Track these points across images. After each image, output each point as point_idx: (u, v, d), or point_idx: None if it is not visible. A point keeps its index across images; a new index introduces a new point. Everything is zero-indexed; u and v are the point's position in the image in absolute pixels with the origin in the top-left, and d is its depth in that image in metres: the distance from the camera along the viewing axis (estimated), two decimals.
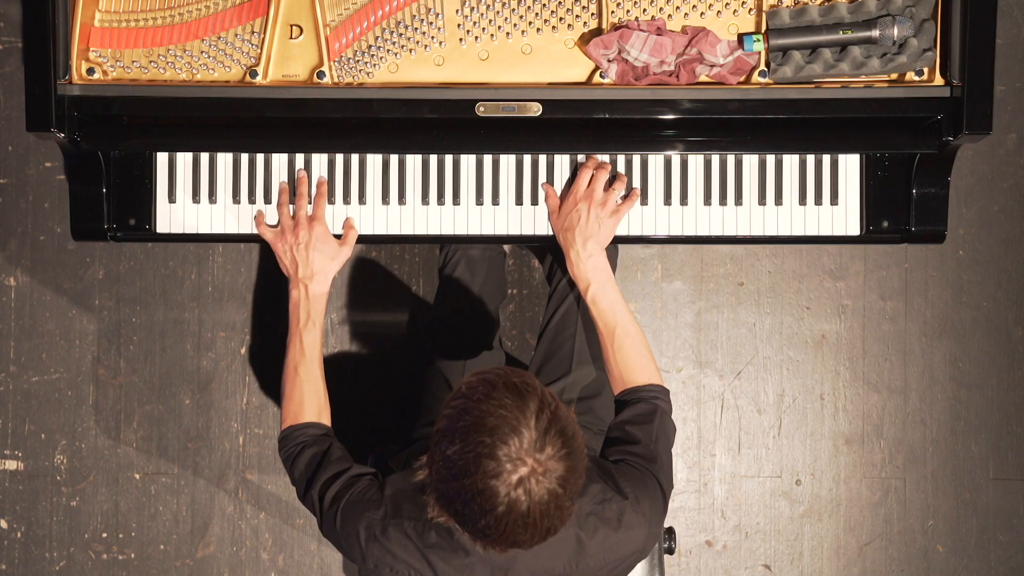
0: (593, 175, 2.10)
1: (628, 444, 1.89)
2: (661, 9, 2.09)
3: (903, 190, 2.17)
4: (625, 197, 2.13)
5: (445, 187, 2.17)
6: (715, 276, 2.86)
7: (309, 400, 1.99)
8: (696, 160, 2.17)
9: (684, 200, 2.18)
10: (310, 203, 2.13)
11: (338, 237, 2.13)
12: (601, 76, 2.09)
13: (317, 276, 2.07)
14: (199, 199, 2.18)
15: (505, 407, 1.57)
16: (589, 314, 2.07)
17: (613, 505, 1.78)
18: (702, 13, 2.10)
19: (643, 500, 1.81)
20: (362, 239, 2.18)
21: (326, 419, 2.00)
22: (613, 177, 2.14)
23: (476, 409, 1.58)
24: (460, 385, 1.64)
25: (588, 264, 2.06)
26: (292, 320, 2.06)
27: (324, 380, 2.03)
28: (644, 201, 2.17)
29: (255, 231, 2.17)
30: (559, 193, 2.15)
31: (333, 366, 2.81)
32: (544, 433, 1.57)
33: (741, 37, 2.08)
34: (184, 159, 2.17)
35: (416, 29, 2.09)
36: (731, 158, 2.17)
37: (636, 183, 2.18)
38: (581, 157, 2.16)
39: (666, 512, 1.89)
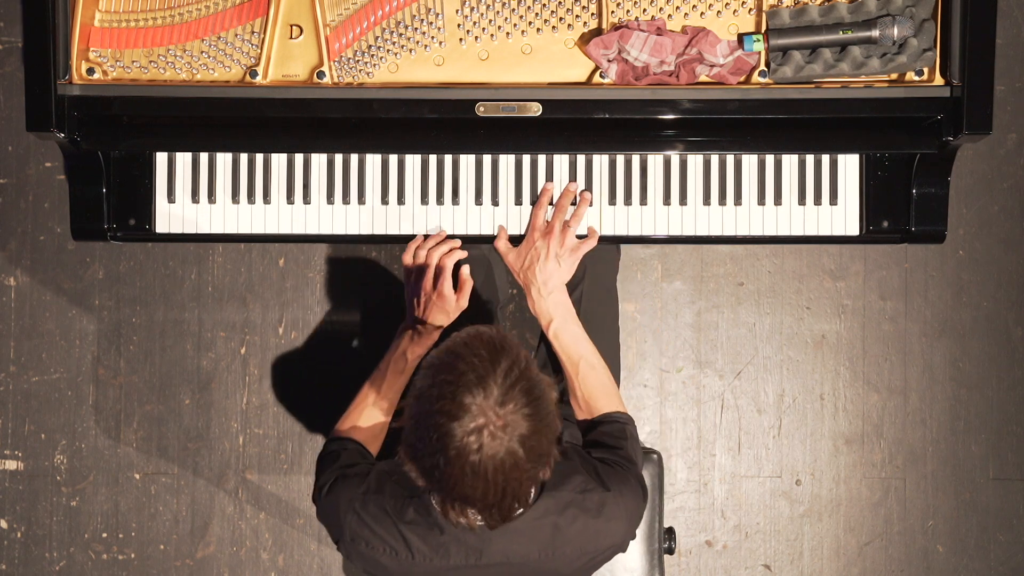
0: (554, 214, 2.12)
1: (608, 448, 1.93)
2: (661, 9, 2.09)
3: (903, 190, 2.17)
4: (587, 237, 2.15)
5: (444, 187, 2.17)
6: (715, 276, 2.86)
7: (366, 424, 2.03)
8: (696, 160, 2.17)
9: (684, 200, 2.18)
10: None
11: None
12: (601, 76, 2.09)
13: (429, 327, 2.09)
14: (198, 199, 2.18)
15: (478, 357, 1.61)
16: (552, 348, 2.09)
17: (595, 495, 1.80)
18: (702, 13, 2.10)
19: (626, 494, 1.83)
20: (362, 239, 2.18)
21: (372, 448, 2.03)
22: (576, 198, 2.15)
23: (451, 353, 1.63)
24: (455, 333, 1.69)
25: (549, 301, 2.08)
26: (392, 349, 2.10)
27: (389, 416, 2.05)
28: (644, 201, 2.17)
29: (254, 231, 2.18)
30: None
31: (333, 366, 2.82)
32: (509, 388, 1.59)
33: (741, 37, 2.08)
34: (183, 159, 2.17)
35: (416, 29, 2.09)
36: (731, 158, 2.17)
37: (636, 183, 2.17)
38: (581, 157, 2.16)
39: (642, 515, 1.91)
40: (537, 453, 1.62)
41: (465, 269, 2.11)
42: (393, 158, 2.17)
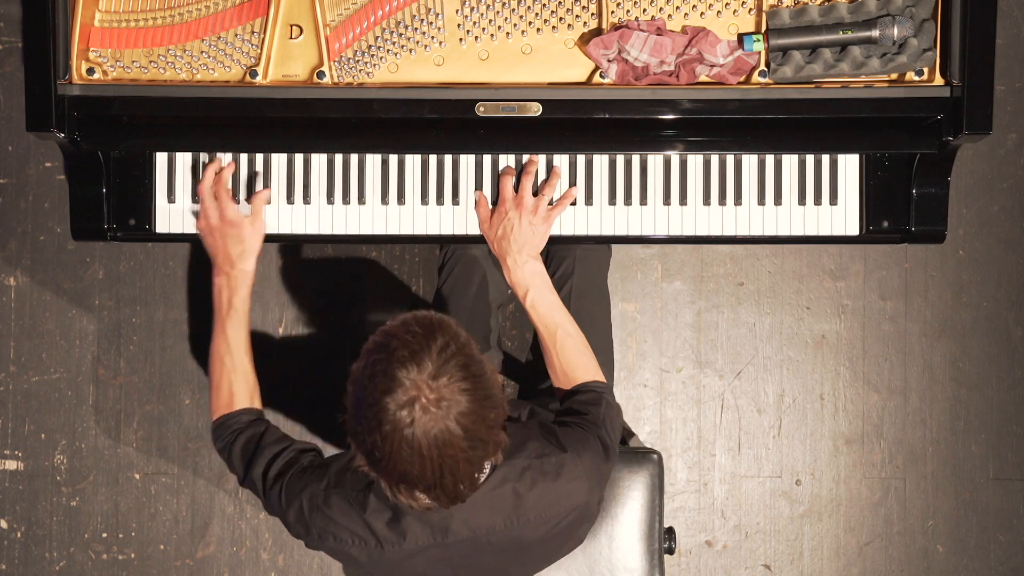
0: (520, 181, 2.11)
1: (576, 415, 1.93)
2: (661, 9, 2.09)
3: (903, 190, 2.17)
4: (561, 197, 2.14)
5: (444, 187, 2.17)
6: (715, 276, 2.86)
7: (238, 388, 2.00)
8: (696, 160, 2.17)
9: (684, 200, 2.18)
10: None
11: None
12: (601, 76, 2.09)
13: (234, 261, 2.06)
14: (198, 199, 2.17)
15: (412, 334, 1.61)
16: (529, 319, 2.09)
17: (552, 458, 1.80)
18: (702, 13, 2.10)
19: (584, 454, 1.83)
20: (362, 239, 2.19)
21: (257, 403, 2.02)
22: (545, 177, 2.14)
23: (385, 334, 1.63)
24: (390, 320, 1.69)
25: (525, 270, 2.08)
26: (215, 308, 2.06)
27: (252, 364, 2.04)
28: (644, 201, 2.18)
29: None
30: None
31: (333, 366, 2.81)
32: (444, 363, 1.59)
33: (741, 37, 2.08)
34: (183, 159, 2.17)
35: (416, 29, 2.09)
36: (730, 158, 2.17)
37: (636, 183, 2.17)
38: (581, 157, 2.16)
39: (609, 474, 1.91)
40: (475, 435, 1.61)
41: (260, 193, 2.11)
42: (393, 158, 2.17)
